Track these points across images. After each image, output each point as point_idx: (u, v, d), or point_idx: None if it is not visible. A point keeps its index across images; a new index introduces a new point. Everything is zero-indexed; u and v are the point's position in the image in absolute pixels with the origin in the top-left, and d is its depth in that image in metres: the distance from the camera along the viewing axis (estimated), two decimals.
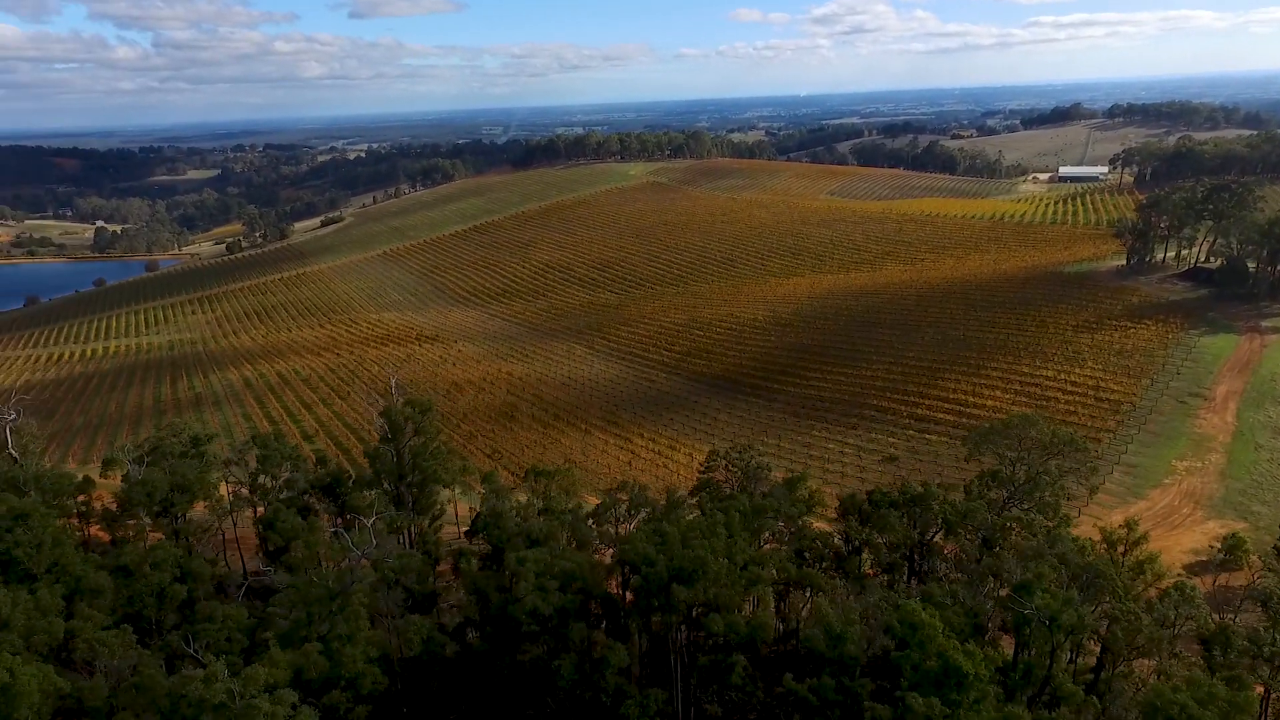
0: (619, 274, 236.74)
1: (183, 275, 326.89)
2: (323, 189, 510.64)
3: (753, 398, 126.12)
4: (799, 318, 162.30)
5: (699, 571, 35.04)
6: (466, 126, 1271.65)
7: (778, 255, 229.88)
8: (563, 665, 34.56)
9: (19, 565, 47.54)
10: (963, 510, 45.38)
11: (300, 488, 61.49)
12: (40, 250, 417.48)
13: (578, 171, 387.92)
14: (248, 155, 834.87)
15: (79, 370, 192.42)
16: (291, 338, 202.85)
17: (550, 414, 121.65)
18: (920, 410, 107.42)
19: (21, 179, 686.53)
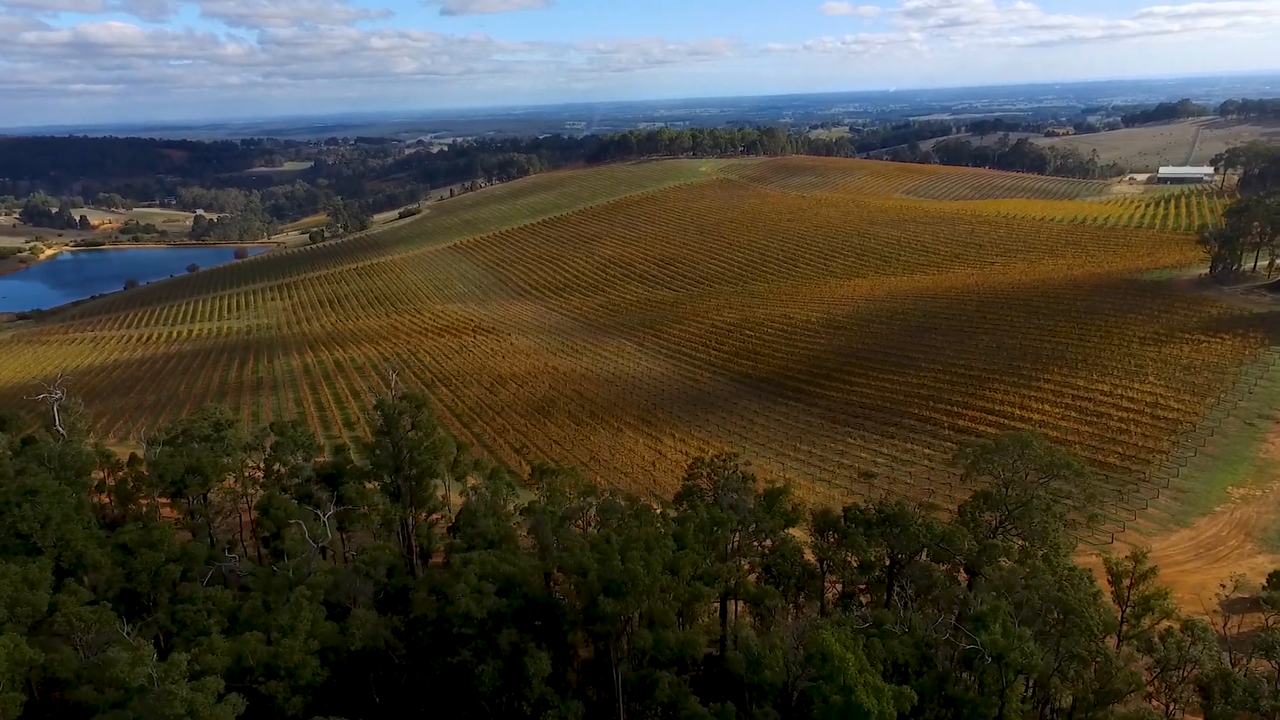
0: (679, 271, 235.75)
1: (267, 263, 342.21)
2: (404, 182, 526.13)
3: (793, 401, 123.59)
4: (853, 320, 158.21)
5: (629, 584, 34.31)
6: (550, 121, 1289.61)
7: (841, 255, 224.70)
8: (485, 670, 34.48)
9: (27, 539, 50.39)
10: (940, 533, 42.95)
11: (305, 476, 63.30)
12: (144, 236, 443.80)
13: (648, 167, 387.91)
14: (339, 148, 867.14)
15: (162, 351, 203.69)
16: (357, 326, 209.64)
17: (587, 410, 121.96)
18: (962, 422, 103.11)
19: (133, 169, 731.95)
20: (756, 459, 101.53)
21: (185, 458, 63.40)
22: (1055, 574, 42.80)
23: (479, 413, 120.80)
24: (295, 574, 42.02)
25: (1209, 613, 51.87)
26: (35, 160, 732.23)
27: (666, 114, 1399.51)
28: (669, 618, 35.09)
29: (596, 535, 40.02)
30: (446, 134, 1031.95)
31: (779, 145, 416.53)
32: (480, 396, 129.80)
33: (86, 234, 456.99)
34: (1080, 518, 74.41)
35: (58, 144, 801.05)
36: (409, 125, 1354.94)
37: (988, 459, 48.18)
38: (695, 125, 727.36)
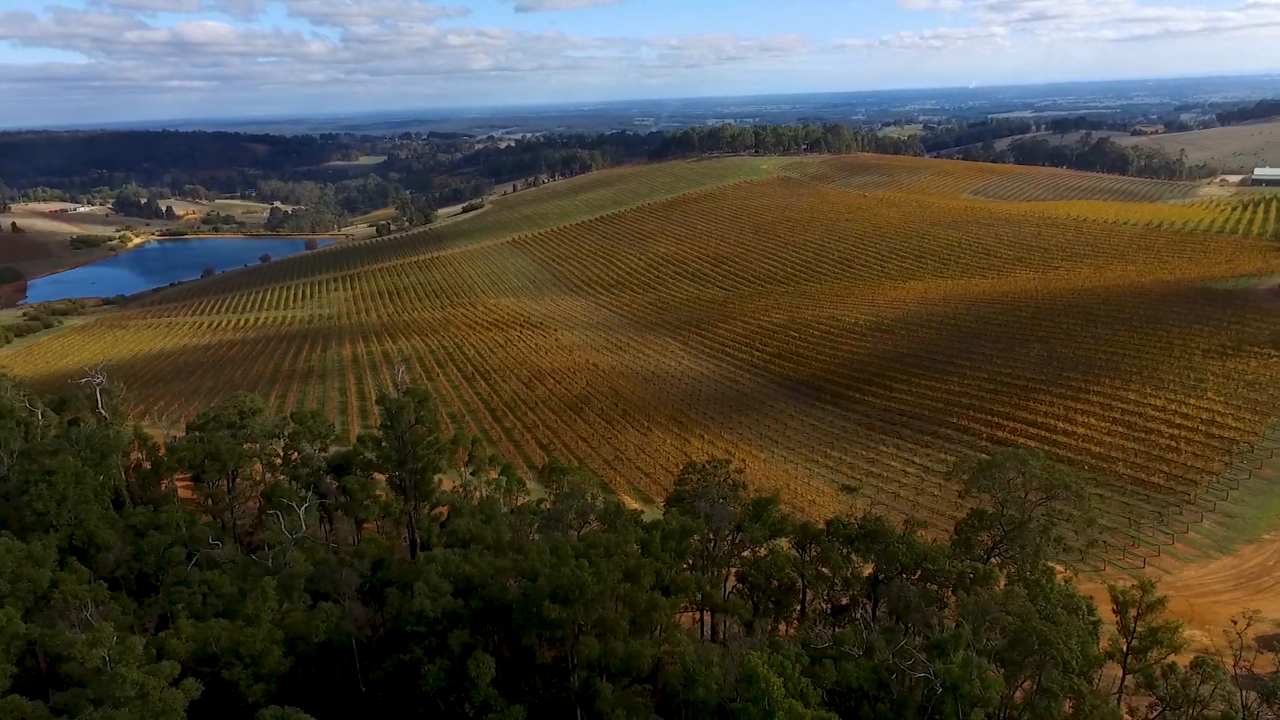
0: (731, 270, 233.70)
1: (334, 254, 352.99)
2: (470, 177, 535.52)
3: (830, 405, 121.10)
4: (901, 324, 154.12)
5: (576, 591, 33.87)
6: (619, 117, 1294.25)
7: (898, 257, 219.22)
8: (431, 670, 34.58)
9: (43, 517, 52.90)
10: (921, 552, 41.07)
11: (315, 466, 64.84)
12: (223, 227, 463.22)
13: (708, 165, 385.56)
14: (412, 143, 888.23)
15: (227, 338, 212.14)
16: (411, 318, 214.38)
17: (620, 408, 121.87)
18: (1001, 433, 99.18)
19: (219, 162, 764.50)
20: (783, 464, 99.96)
21: (205, 444, 65.62)
22: (1048, 600, 40.63)
23: (512, 407, 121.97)
24: (274, 564, 43.06)
25: (1241, 648, 48.58)
26: (131, 153, 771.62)
27: (736, 110, 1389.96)
28: (620, 627, 34.61)
29: (560, 539, 39.80)
30: (518, 129, 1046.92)
31: (843, 143, 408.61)
32: (517, 391, 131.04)
33: (171, 224, 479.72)
34: (1115, 541, 70.87)
35: (152, 138, 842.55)
36: (481, 121, 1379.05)
37: (986, 476, 46.00)
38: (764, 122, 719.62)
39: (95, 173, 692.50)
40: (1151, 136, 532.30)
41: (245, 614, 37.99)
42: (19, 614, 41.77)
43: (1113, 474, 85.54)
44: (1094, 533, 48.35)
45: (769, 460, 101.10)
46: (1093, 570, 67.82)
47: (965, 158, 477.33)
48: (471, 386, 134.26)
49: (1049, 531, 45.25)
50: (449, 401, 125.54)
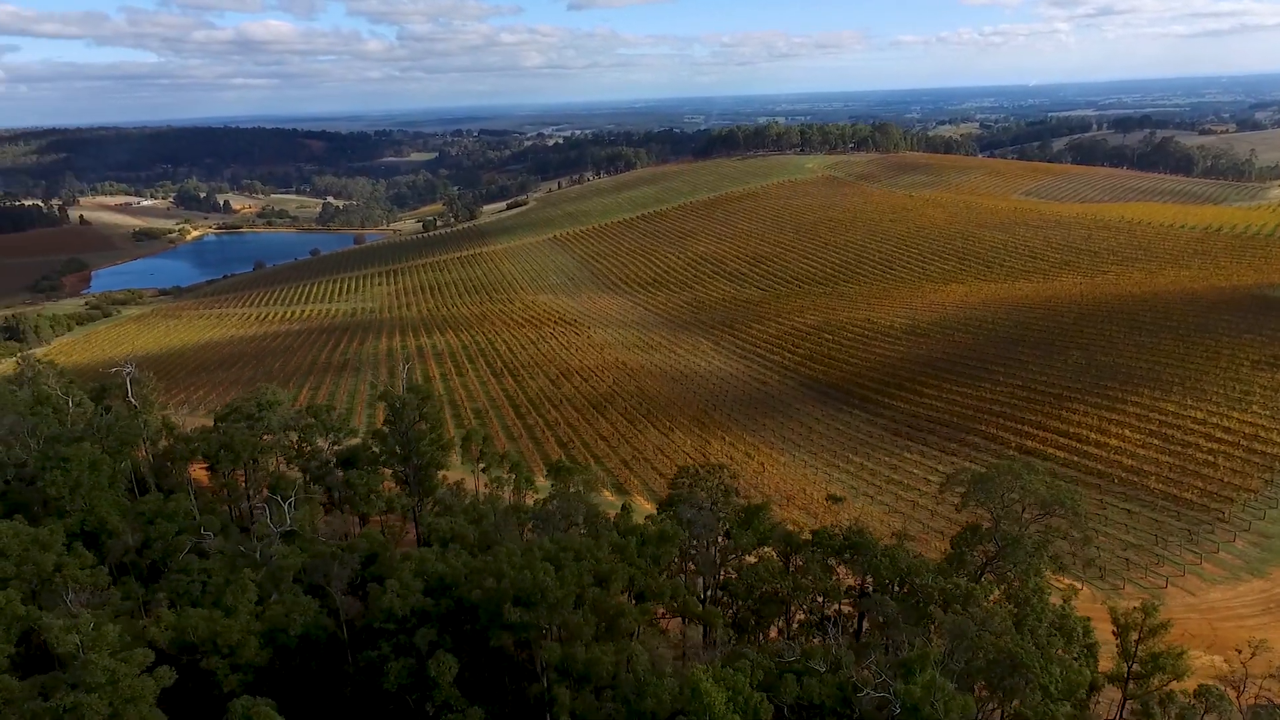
0: (770, 270, 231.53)
1: (380, 249, 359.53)
2: (518, 174, 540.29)
3: (858, 410, 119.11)
4: (938, 328, 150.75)
5: (538, 595, 33.65)
6: (669, 115, 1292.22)
7: (940, 259, 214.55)
8: (393, 668, 34.78)
9: (57, 502, 54.74)
10: (904, 566, 39.79)
11: (324, 459, 65.96)
12: (277, 221, 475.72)
13: (753, 163, 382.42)
14: (463, 140, 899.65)
15: (272, 330, 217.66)
16: (449, 313, 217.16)
17: (643, 408, 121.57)
18: (1030, 443, 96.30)
19: (277, 157, 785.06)
20: (803, 468, 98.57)
21: (221, 435, 67.24)
22: (1039, 619, 39.14)
23: (536, 404, 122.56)
24: (261, 556, 43.89)
25: (1245, 677, 46.28)
26: (194, 149, 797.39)
27: (787, 108, 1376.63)
28: (583, 632, 34.33)
29: (535, 540, 39.71)
30: (568, 126, 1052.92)
31: (891, 141, 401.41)
32: (543, 388, 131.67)
33: (228, 217, 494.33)
34: (1139, 559, 68.23)
35: (214, 134, 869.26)
36: (532, 118, 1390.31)
37: (981, 489, 44.46)
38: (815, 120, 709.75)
39: (160, 167, 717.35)
40: (1220, 136, 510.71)
41: (224, 605, 38.76)
42: (19, 596, 43.19)
43: (1143, 488, 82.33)
44: (1091, 552, 46.31)
45: (789, 464, 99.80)
46: (1111, 588, 65.38)
47: (1020, 157, 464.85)
48: (499, 382, 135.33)
49: (1045, 548, 43.54)
50: (475, 397, 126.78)
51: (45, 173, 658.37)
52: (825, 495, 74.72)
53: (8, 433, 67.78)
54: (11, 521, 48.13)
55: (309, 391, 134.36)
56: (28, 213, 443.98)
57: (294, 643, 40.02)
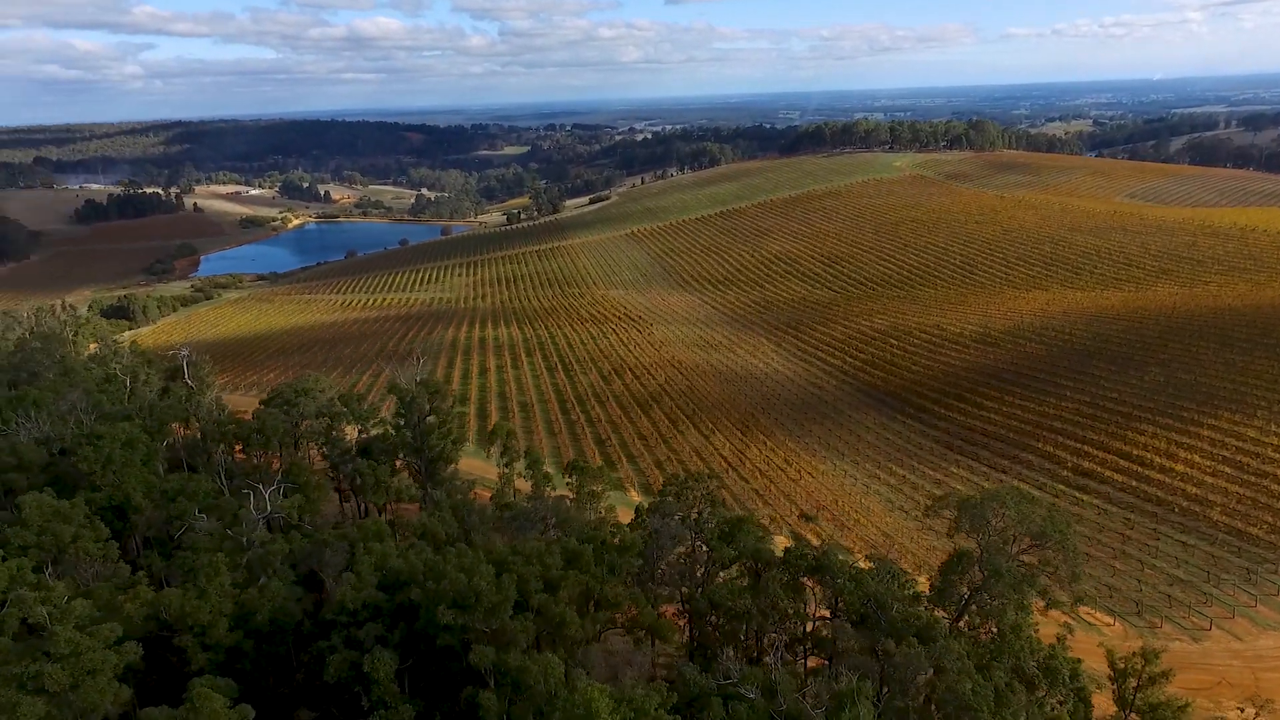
0: (844, 271, 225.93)
1: (464, 241, 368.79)
2: (604, 168, 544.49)
3: (912, 419, 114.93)
4: (1010, 336, 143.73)
5: (472, 598, 33.55)
6: (763, 110, 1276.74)
7: (1025, 264, 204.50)
8: (332, 661, 35.46)
9: (89, 477, 58.30)
10: (870, 592, 37.63)
11: (344, 447, 68.07)
12: (372, 211, 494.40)
13: (838, 161, 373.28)
14: (556, 134, 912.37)
15: (353, 317, 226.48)
16: (520, 305, 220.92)
17: (690, 409, 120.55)
18: (1087, 464, 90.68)
19: (378, 150, 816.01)
20: (841, 477, 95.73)
21: (256, 419, 70.26)
22: (1018, 657, 36.67)
23: (582, 400, 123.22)
24: (247, 541, 45.65)
25: None
26: (302, 141, 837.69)
27: (887, 104, 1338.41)
28: (518, 639, 34.11)
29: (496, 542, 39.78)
30: (660, 121, 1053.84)
31: (988, 139, 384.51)
32: (592, 384, 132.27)
33: (328, 207, 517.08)
34: (1185, 596, 63.27)
35: (320, 127, 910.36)
36: (626, 113, 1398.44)
37: (970, 514, 41.76)
38: (916, 117, 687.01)
39: (271, 159, 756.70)
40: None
41: (198, 587, 40.45)
42: (30, 565, 46.17)
43: (1205, 520, 76.26)
44: (1080, 589, 42.71)
45: (828, 473, 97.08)
46: (1146, 626, 60.85)
47: (1131, 157, 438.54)
48: (551, 376, 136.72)
49: (1032, 582, 40.55)
50: (525, 390, 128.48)
51: (169, 162, 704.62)
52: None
53: (68, 409, 72.58)
54: (39, 494, 51.48)
55: (368, 378, 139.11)
56: (149, 199, 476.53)
57: (266, 626, 41.34)
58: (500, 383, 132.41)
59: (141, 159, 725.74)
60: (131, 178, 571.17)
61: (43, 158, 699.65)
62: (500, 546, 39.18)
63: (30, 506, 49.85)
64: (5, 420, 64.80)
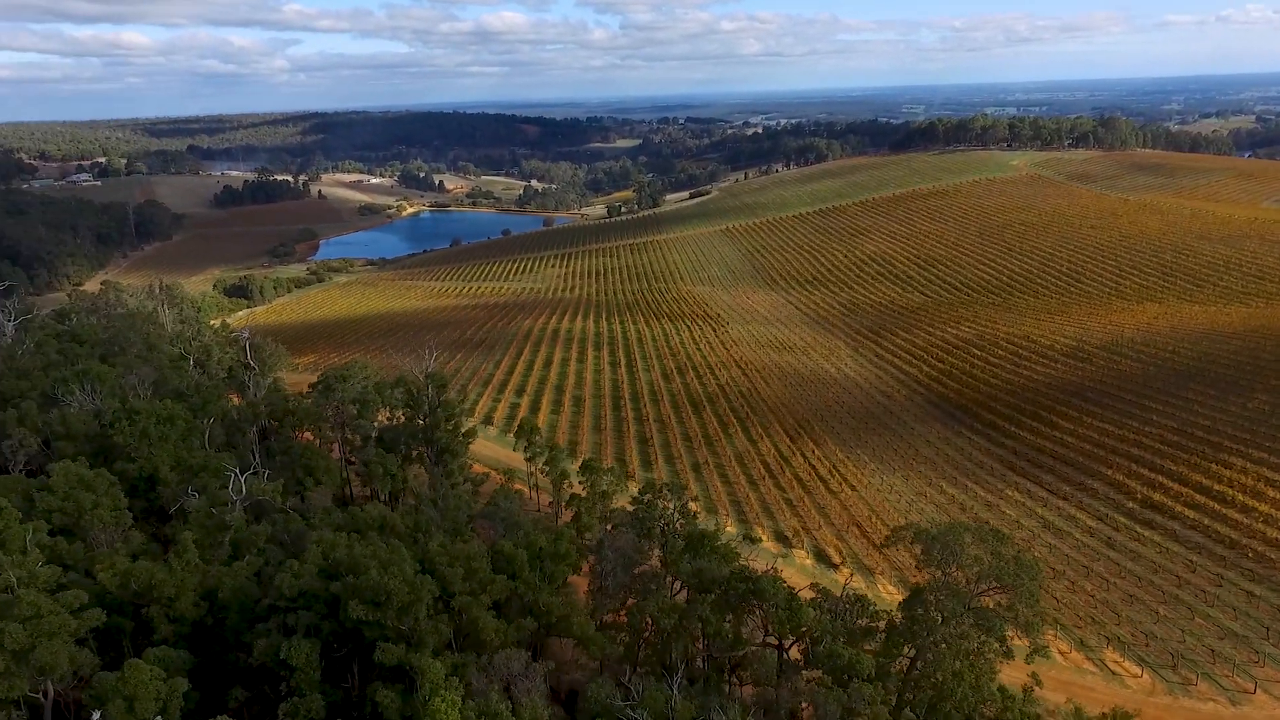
0: (940, 274, 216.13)
1: (562, 233, 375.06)
2: (710, 163, 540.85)
3: (978, 435, 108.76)
4: (1104, 351, 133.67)
5: (383, 595, 33.78)
6: (885, 104, 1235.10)
7: (1139, 274, 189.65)
8: (257, 645, 36.53)
9: (122, 449, 62.72)
10: (801, 622, 35.22)
11: (365, 434, 70.44)
12: (482, 201, 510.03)
13: (950, 158, 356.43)
14: (669, 128, 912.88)
15: (445, 304, 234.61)
16: (604, 298, 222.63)
17: (744, 411, 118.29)
18: (1158, 495, 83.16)
19: (495, 141, 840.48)
20: (885, 492, 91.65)
21: (290, 402, 73.72)
22: (960, 708, 33.99)
23: (635, 397, 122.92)
24: (232, 519, 47.94)
25: None
26: (424, 132, 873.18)
27: (1021, 98, 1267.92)
28: (426, 640, 34.14)
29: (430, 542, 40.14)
30: (778, 115, 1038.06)
31: (1119, 137, 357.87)
32: (652, 381, 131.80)
33: (441, 196, 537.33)
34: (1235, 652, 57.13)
35: (442, 118, 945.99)
36: (743, 106, 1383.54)
37: (934, 549, 38.62)
38: (1053, 111, 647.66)
39: (395, 149, 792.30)
40: None
41: (169, 563, 42.79)
42: (47, 528, 50.07)
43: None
44: (1039, 639, 38.41)
45: (872, 486, 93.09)
46: (1180, 682, 55.19)
47: None
48: (612, 372, 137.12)
49: (989, 627, 37.01)
50: (583, 384, 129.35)
51: (303, 151, 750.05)
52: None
53: (133, 384, 78.30)
54: (70, 462, 55.76)
55: (438, 364, 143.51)
56: (279, 186, 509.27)
57: (233, 604, 43.27)
58: (561, 375, 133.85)
59: (279, 148, 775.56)
60: (267, 165, 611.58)
61: (195, 145, 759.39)
62: (433, 545, 39.57)
63: (58, 474, 54.01)
64: (69, 392, 70.46)
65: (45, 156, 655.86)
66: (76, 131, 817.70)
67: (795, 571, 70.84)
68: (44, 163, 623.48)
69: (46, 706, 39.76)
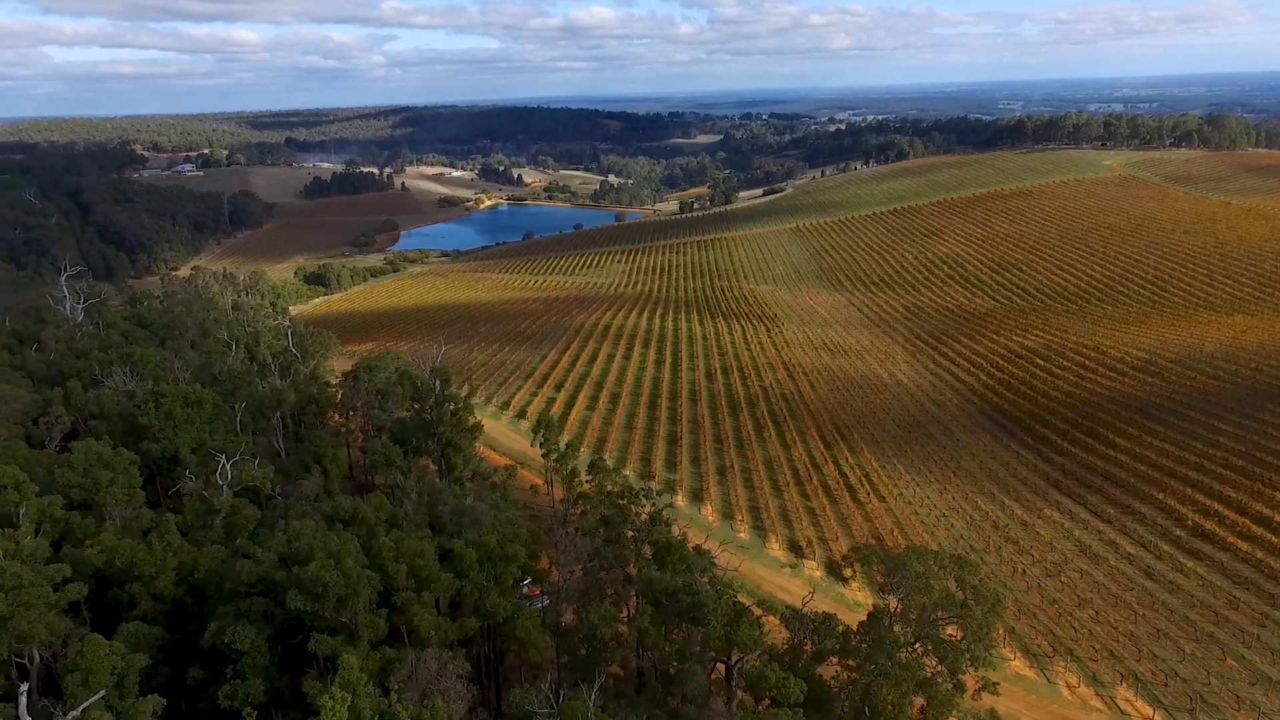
0: (1013, 279, 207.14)
1: (632, 228, 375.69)
2: (787, 160, 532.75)
3: (1029, 450, 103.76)
4: (1178, 366, 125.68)
5: (321, 588, 34.23)
6: (980, 100, 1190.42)
7: (1234, 282, 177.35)
8: (210, 629, 37.48)
9: (150, 429, 65.88)
10: (738, 638, 33.63)
11: (380, 424, 71.99)
12: (557, 195, 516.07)
13: (1037, 158, 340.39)
14: (751, 124, 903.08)
15: (506, 296, 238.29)
16: (664, 295, 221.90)
17: (781, 415, 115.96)
18: (1209, 524, 77.47)
19: (575, 136, 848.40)
20: (918, 508, 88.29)
21: (315, 390, 76.06)
22: None
23: (674, 396, 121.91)
24: (219, 503, 49.72)
25: None
26: (509, 126, 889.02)
27: (1129, 94, 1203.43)
28: (362, 633, 34.45)
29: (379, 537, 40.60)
30: (866, 111, 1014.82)
31: (1228, 136, 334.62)
32: (693, 380, 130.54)
33: (518, 190, 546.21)
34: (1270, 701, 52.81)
35: (526, 113, 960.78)
36: (829, 102, 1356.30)
37: (893, 575, 36.57)
38: (1165, 108, 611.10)
39: (480, 142, 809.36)
40: None
41: (148, 541, 44.70)
42: (61, 503, 53.00)
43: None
44: (986, 672, 35.55)
45: (903, 499, 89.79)
46: None
47: None
48: (656, 370, 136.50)
49: (945, 656, 34.77)
50: (623, 381, 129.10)
51: (391, 144, 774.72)
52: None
53: (173, 368, 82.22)
54: (93, 440, 58.93)
55: (485, 356, 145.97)
56: (364, 178, 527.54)
57: (210, 585, 44.88)
58: (603, 372, 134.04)
59: (369, 141, 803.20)
60: (355, 158, 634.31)
61: (292, 138, 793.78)
62: (382, 540, 40.05)
63: (79, 451, 57.16)
64: (111, 373, 74.51)
65: (157, 147, 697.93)
66: (187, 124, 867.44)
67: (802, 583, 69.09)
68: (155, 153, 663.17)
69: (32, 671, 42.10)
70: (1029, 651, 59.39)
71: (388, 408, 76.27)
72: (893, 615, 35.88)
